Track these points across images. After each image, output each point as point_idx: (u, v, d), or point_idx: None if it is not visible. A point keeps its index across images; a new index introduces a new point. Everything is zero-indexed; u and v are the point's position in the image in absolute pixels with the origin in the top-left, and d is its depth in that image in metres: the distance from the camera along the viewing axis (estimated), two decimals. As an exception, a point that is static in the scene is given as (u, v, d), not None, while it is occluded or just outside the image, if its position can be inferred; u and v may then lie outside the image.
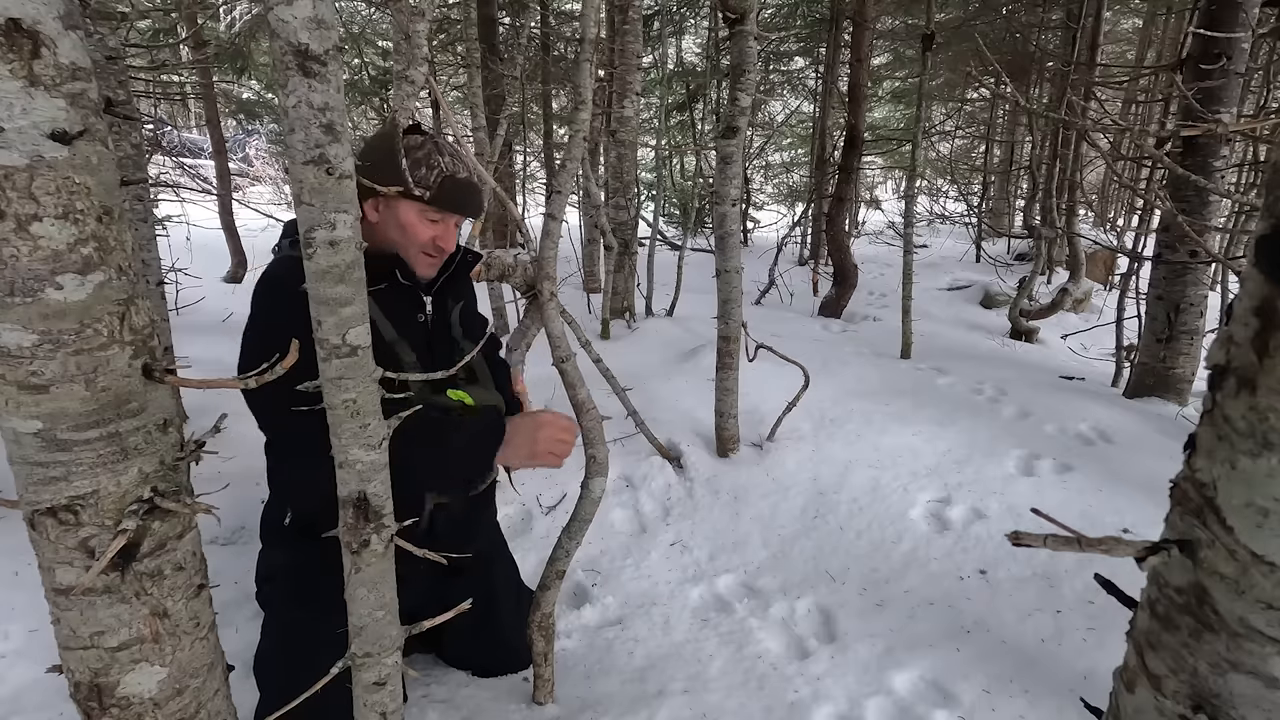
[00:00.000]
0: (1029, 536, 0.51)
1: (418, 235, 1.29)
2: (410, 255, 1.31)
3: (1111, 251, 5.80)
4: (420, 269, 1.33)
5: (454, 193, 1.29)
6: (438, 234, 1.31)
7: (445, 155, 1.29)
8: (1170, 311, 3.04)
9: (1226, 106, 2.80)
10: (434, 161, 1.27)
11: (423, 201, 1.26)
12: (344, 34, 6.06)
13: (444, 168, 1.27)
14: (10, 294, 0.60)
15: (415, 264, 1.32)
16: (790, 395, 2.42)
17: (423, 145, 1.27)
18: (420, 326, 1.36)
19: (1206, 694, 0.49)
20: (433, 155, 1.27)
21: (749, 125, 3.30)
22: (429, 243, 1.30)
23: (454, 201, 1.29)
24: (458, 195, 1.29)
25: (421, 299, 1.38)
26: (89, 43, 1.11)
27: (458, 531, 1.37)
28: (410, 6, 1.42)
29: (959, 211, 9.11)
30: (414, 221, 1.28)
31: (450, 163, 1.28)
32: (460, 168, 1.30)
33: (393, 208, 1.28)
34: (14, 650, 1.41)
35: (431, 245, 1.31)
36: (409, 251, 1.30)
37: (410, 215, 1.28)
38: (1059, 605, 1.63)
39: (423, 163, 1.26)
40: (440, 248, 1.32)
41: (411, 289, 1.35)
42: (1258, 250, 0.42)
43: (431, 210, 1.28)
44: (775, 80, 8.94)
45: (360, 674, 0.85)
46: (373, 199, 1.28)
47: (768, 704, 1.37)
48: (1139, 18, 8.78)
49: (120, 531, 0.68)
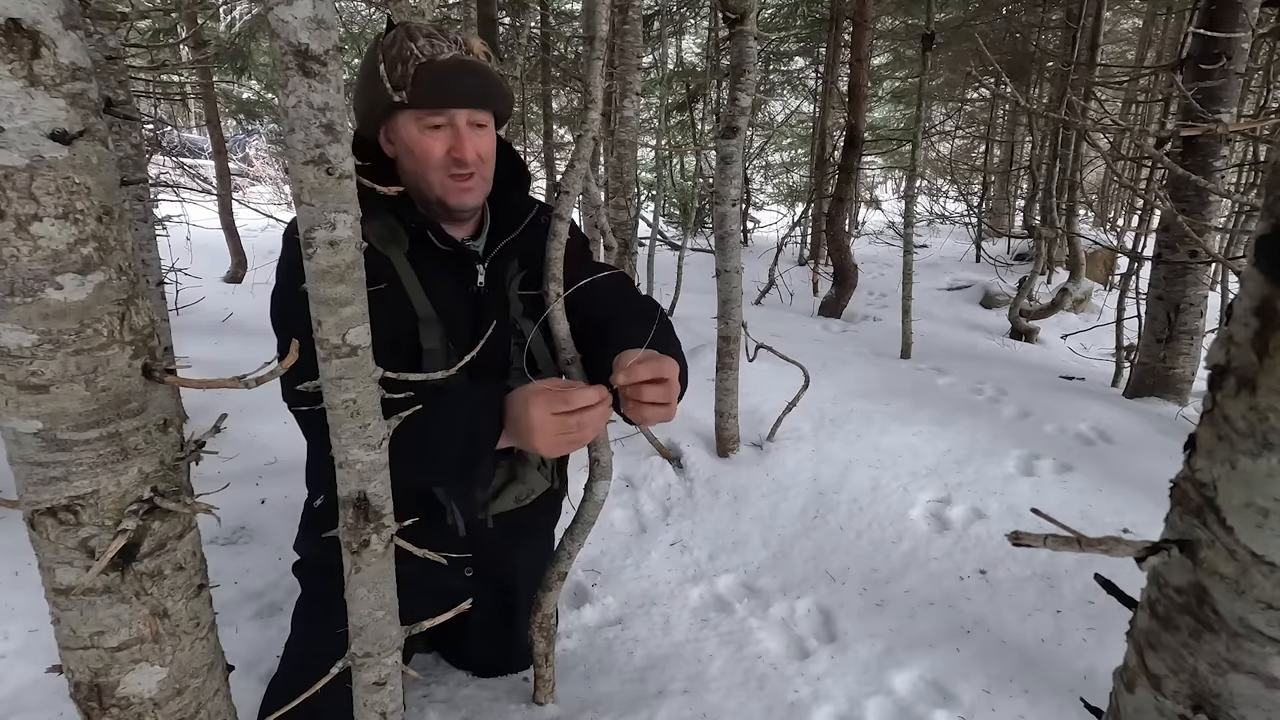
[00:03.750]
0: (1029, 536, 0.51)
1: (427, 153, 1.03)
2: (433, 183, 1.06)
3: (1111, 251, 5.80)
4: (453, 199, 1.07)
5: (437, 81, 1.00)
6: (450, 143, 1.04)
7: (420, 39, 1.01)
8: (1170, 311, 3.04)
9: (1226, 106, 2.80)
10: (406, 51, 1.00)
11: (410, 107, 1.01)
12: (344, 34, 6.06)
13: (419, 54, 0.99)
14: (10, 294, 0.60)
15: (445, 193, 1.06)
16: (790, 395, 2.42)
17: (394, 40, 1.01)
18: (469, 300, 1.12)
19: (1206, 694, 0.49)
20: (403, 44, 1.00)
21: (749, 125, 3.30)
22: (443, 158, 1.04)
23: (441, 91, 1.00)
24: (443, 82, 1.00)
25: (474, 266, 1.12)
26: (89, 43, 1.11)
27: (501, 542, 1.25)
28: (410, 6, 1.42)
29: (959, 211, 9.12)
30: (415, 137, 1.03)
31: (426, 45, 1.00)
32: (443, 47, 1.01)
33: (396, 130, 1.05)
34: (14, 650, 1.41)
35: (448, 160, 1.04)
36: (429, 179, 1.05)
37: (410, 130, 1.03)
38: (1059, 605, 1.62)
39: (397, 59, 1.00)
40: (459, 160, 1.04)
41: (458, 253, 1.10)
42: (1258, 250, 0.42)
43: (425, 114, 1.02)
44: (775, 80, 8.93)
45: (360, 674, 0.85)
46: (384, 128, 1.06)
47: (768, 704, 1.37)
48: (1139, 18, 8.78)
49: (120, 531, 0.68)
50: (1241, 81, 2.85)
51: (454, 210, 1.09)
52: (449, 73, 1.00)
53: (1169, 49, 7.72)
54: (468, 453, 1.01)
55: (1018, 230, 8.05)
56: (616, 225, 4.41)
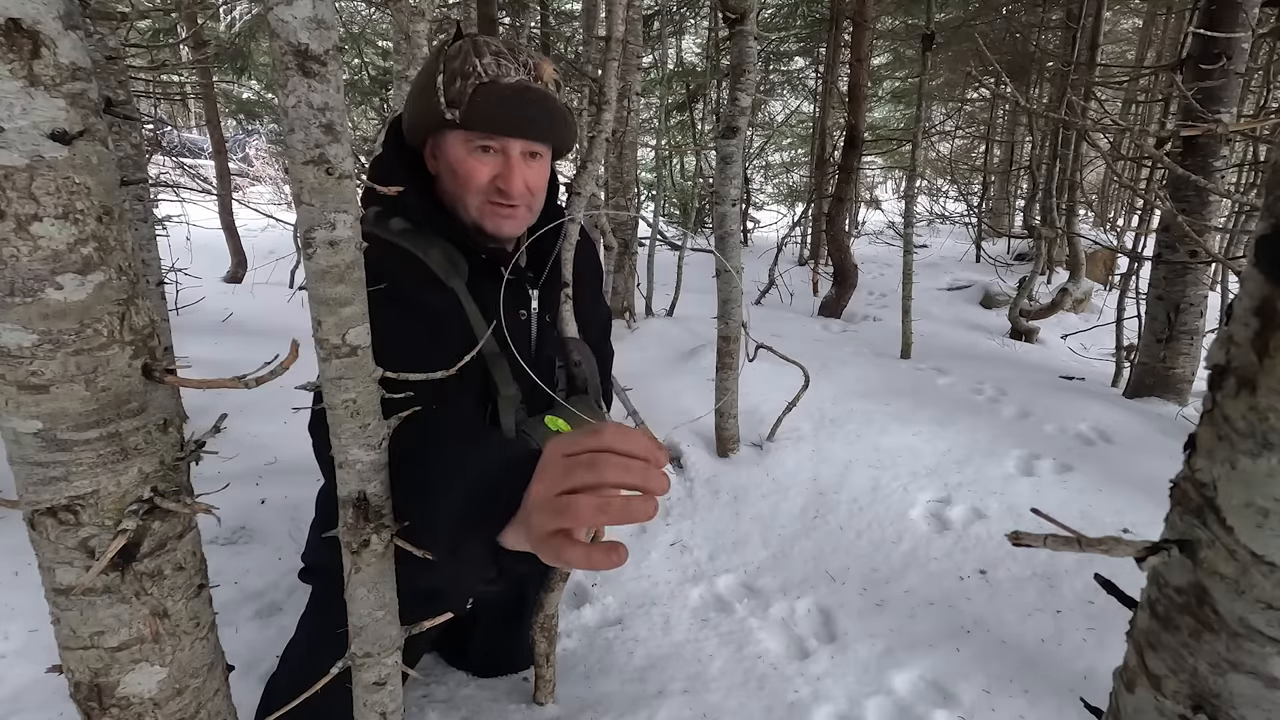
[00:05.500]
0: (1029, 536, 0.51)
1: (470, 175, 0.95)
2: (471, 208, 0.98)
3: (1111, 251, 5.80)
4: (489, 223, 0.98)
5: (496, 104, 0.90)
6: (498, 170, 0.95)
7: (486, 55, 0.91)
8: (1170, 311, 3.04)
9: (1226, 106, 2.80)
10: (469, 67, 0.90)
11: (461, 127, 0.92)
12: (344, 34, 6.07)
13: (481, 72, 0.90)
14: (10, 294, 0.60)
15: (482, 218, 0.98)
16: (790, 395, 2.42)
17: (459, 52, 0.92)
18: (523, 328, 1.05)
19: (1206, 694, 0.49)
20: (468, 59, 0.91)
21: (749, 125, 3.30)
22: (487, 185, 0.96)
23: (497, 116, 0.91)
24: (502, 107, 0.91)
25: (527, 290, 1.06)
26: (89, 43, 1.11)
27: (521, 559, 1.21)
28: (410, 6, 1.42)
29: (959, 211, 9.12)
30: (461, 157, 0.95)
31: (492, 64, 0.91)
32: (510, 69, 0.92)
33: (442, 146, 0.97)
34: (14, 650, 1.41)
35: (491, 187, 0.96)
36: (467, 201, 0.97)
37: (457, 150, 0.95)
38: (1059, 605, 1.63)
39: (458, 73, 0.91)
40: (504, 190, 0.96)
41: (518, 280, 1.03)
42: (1258, 250, 0.42)
43: (476, 136, 0.93)
44: (775, 80, 8.94)
45: (360, 674, 0.85)
46: (431, 141, 0.99)
47: (768, 704, 1.37)
48: (1139, 18, 8.78)
49: (120, 531, 0.68)
50: (1241, 81, 2.85)
51: (491, 236, 1.01)
52: (511, 98, 0.92)
53: (1169, 49, 7.72)
54: (455, 537, 0.75)
55: (1018, 230, 8.06)
56: (616, 225, 4.42)
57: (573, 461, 0.61)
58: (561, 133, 0.99)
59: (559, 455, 0.63)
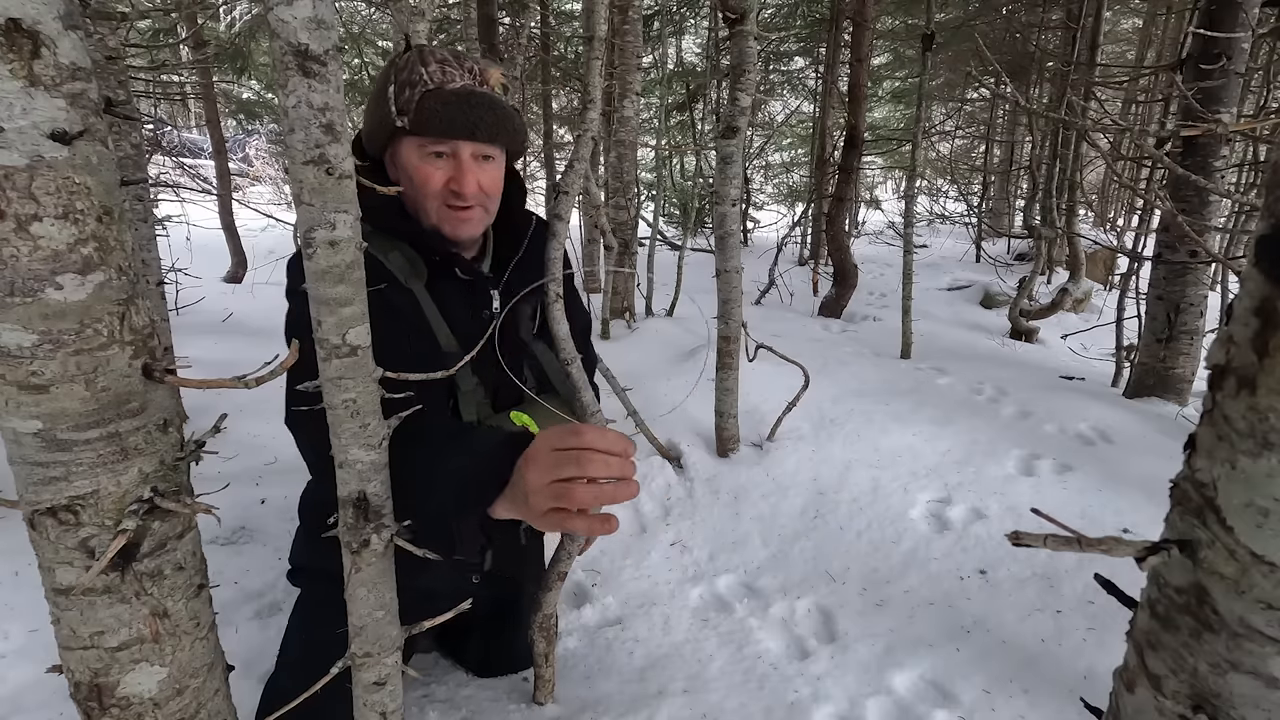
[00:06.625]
0: (1029, 536, 0.51)
1: (425, 181, 0.99)
2: (430, 213, 1.02)
3: (1111, 251, 5.80)
4: (447, 227, 1.02)
5: (444, 109, 0.95)
6: (451, 173, 0.99)
7: (432, 64, 0.96)
8: (1170, 311, 3.04)
9: (1226, 106, 2.80)
10: (415, 75, 0.95)
11: (412, 133, 0.97)
12: (344, 34, 6.06)
13: (428, 79, 0.95)
14: (10, 294, 0.60)
15: (441, 221, 1.02)
16: (790, 395, 2.42)
17: (407, 62, 0.96)
18: (484, 327, 1.08)
19: (1206, 694, 0.49)
20: (415, 68, 0.95)
21: (749, 125, 3.30)
22: (442, 189, 1.00)
23: (445, 120, 0.95)
24: (448, 112, 0.95)
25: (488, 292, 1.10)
26: (89, 43, 1.11)
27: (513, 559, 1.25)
28: (410, 6, 1.42)
29: (959, 211, 9.12)
30: (416, 164, 0.99)
31: (438, 72, 0.95)
32: (457, 74, 0.96)
33: (398, 155, 1.01)
34: (14, 650, 1.41)
35: (445, 191, 1.00)
36: (426, 207, 1.01)
37: (411, 157, 0.99)
38: (1059, 605, 1.62)
39: (406, 83, 0.96)
40: (458, 192, 1.00)
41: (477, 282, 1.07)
42: (1258, 250, 0.42)
43: (429, 142, 0.98)
44: (775, 80, 8.94)
45: (360, 674, 0.85)
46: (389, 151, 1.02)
47: (768, 704, 1.37)
48: (1139, 18, 8.78)
49: (120, 531, 0.68)
50: (1241, 81, 2.85)
51: (450, 240, 1.05)
52: (456, 102, 0.96)
53: (1169, 49, 7.72)
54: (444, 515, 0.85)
55: (1018, 230, 8.05)
56: (616, 225, 4.42)
57: (562, 456, 0.74)
58: (510, 134, 1.02)
59: (548, 448, 0.76)
